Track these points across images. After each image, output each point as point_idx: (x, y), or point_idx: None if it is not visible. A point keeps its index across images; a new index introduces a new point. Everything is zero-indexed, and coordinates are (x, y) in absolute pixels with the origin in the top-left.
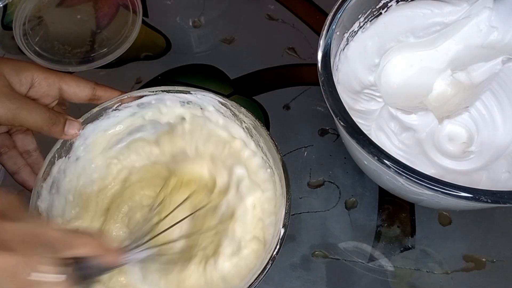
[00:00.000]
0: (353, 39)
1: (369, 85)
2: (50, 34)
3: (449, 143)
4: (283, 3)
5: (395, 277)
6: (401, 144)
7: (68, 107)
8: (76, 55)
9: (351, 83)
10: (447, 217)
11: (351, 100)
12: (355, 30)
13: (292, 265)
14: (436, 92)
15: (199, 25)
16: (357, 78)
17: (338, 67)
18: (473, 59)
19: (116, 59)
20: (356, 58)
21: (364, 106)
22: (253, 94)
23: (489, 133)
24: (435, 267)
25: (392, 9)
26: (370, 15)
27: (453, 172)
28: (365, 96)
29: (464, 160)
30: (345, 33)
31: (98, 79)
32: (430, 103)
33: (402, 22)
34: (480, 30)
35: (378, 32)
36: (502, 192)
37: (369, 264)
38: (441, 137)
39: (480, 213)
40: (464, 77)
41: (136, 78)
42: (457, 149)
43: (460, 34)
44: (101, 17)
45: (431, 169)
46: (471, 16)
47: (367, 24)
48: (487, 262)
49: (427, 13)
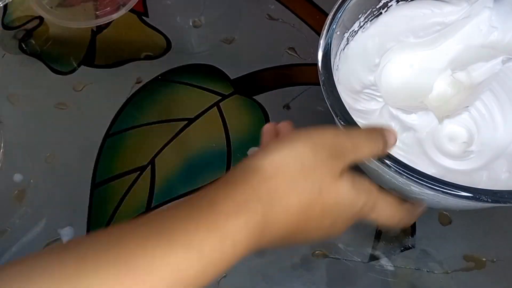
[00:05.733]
0: (353, 38)
1: (369, 84)
2: (50, 34)
3: (449, 142)
4: (283, 3)
5: (396, 277)
6: (401, 144)
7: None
8: (76, 55)
9: (352, 82)
10: (447, 217)
11: (351, 100)
12: (355, 30)
13: (293, 265)
14: (437, 92)
15: (199, 25)
16: (357, 77)
17: (339, 66)
18: (473, 59)
19: (116, 59)
20: (356, 57)
21: (365, 106)
22: (253, 94)
23: (489, 132)
24: (435, 267)
25: (392, 8)
26: (371, 15)
27: (454, 172)
28: (365, 95)
29: (464, 160)
30: (345, 32)
31: (98, 78)
32: (430, 103)
33: (402, 22)
34: (480, 30)
35: (378, 32)
36: (502, 192)
37: (369, 263)
38: (441, 136)
39: (480, 213)
40: (464, 77)
41: (136, 78)
42: (458, 149)
43: (460, 34)
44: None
45: (431, 169)
46: (471, 16)
47: (367, 23)
48: (487, 262)
49: (427, 13)
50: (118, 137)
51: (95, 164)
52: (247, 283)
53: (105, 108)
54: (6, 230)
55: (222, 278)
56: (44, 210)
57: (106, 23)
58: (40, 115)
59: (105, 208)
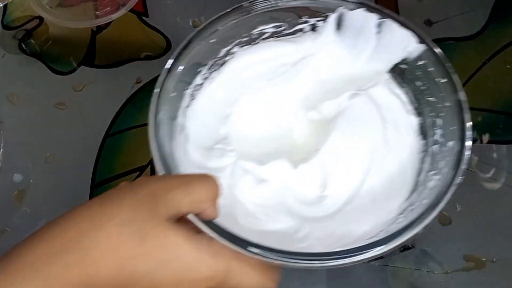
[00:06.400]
0: (200, 91)
1: (221, 138)
2: (50, 34)
3: (305, 188)
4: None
5: (395, 277)
6: (258, 199)
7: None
8: (76, 55)
9: (203, 138)
10: (447, 217)
11: (203, 158)
12: (199, 83)
13: None
14: (293, 134)
15: (199, 25)
16: (209, 132)
17: (185, 125)
18: (326, 95)
19: (116, 59)
20: (206, 111)
21: (216, 163)
22: None
23: (341, 174)
24: (435, 267)
25: (237, 54)
26: (214, 65)
27: (311, 220)
28: (216, 152)
29: (321, 206)
30: (186, 89)
31: (98, 78)
32: (287, 147)
33: (249, 67)
34: (328, 65)
35: (225, 80)
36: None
37: (369, 263)
38: (298, 183)
39: (480, 213)
40: (316, 116)
41: (136, 78)
42: (314, 194)
43: (309, 72)
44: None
45: (290, 221)
46: (317, 52)
47: (213, 74)
48: (487, 262)
49: (272, 56)
50: (118, 137)
51: (95, 164)
52: None
53: (105, 108)
54: (6, 230)
55: None
56: (44, 210)
57: (106, 23)
58: (40, 115)
59: None
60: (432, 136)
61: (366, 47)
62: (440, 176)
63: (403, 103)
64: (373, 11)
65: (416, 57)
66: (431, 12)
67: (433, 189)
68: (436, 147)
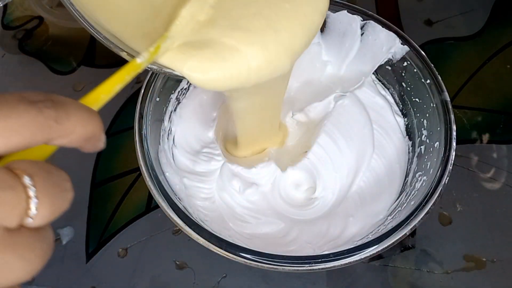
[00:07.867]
0: (186, 96)
1: (209, 142)
2: (50, 34)
3: (294, 191)
4: None
5: (395, 277)
6: (246, 202)
7: None
8: (76, 55)
9: (190, 143)
10: (447, 217)
11: (190, 163)
12: (185, 87)
13: None
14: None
15: None
16: (196, 136)
17: (172, 129)
18: (313, 97)
19: (116, 59)
20: (192, 115)
21: (204, 167)
22: None
23: (329, 176)
24: (435, 267)
25: None
26: None
27: (300, 222)
28: (204, 156)
29: (310, 208)
30: (172, 94)
31: (98, 78)
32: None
33: None
34: (314, 66)
35: None
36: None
37: (369, 263)
38: (286, 186)
39: (480, 213)
40: (303, 118)
41: (136, 78)
42: (304, 196)
43: (294, 73)
44: None
45: (280, 224)
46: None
47: None
48: (488, 262)
49: None
50: (118, 137)
51: (95, 164)
52: (247, 283)
53: (105, 108)
54: None
55: (222, 278)
56: None
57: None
58: None
59: (105, 208)
60: (419, 137)
61: (350, 49)
62: (427, 177)
63: (390, 104)
64: (356, 13)
65: (400, 58)
66: (431, 12)
67: (421, 189)
68: (423, 148)
